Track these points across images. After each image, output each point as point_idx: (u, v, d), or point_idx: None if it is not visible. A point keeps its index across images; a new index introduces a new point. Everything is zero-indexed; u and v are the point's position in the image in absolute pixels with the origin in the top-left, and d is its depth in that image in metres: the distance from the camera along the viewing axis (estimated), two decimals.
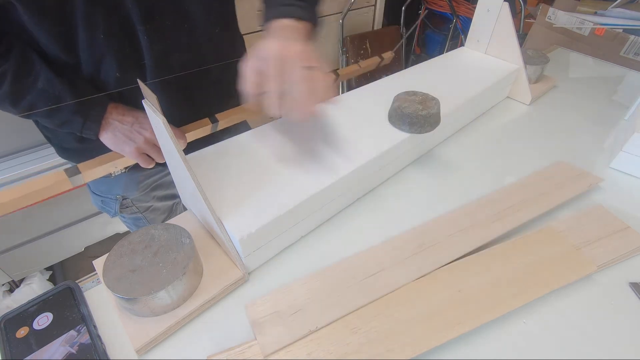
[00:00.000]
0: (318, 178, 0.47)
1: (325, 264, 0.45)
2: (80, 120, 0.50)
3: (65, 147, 0.62)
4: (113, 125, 0.52)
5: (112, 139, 0.52)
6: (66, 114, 0.49)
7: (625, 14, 1.11)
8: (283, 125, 0.57)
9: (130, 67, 0.52)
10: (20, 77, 0.45)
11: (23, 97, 0.46)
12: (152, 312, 0.39)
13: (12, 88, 0.45)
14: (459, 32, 1.96)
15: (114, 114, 0.52)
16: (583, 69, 0.98)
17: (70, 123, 0.50)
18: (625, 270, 0.46)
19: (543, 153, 0.65)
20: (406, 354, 0.36)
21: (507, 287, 0.42)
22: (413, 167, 0.62)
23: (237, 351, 0.37)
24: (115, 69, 0.51)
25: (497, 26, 0.77)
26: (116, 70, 0.51)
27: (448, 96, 0.64)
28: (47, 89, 0.46)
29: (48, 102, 0.47)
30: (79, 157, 0.61)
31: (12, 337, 0.36)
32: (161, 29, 0.51)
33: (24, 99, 0.46)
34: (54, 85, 0.47)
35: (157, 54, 0.53)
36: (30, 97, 0.46)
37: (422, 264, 0.44)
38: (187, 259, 0.39)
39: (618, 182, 0.60)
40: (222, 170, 0.49)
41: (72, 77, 0.50)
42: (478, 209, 0.51)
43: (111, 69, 0.51)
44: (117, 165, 0.53)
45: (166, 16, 0.51)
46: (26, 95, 0.46)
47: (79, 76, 0.51)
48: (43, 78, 0.46)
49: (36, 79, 0.46)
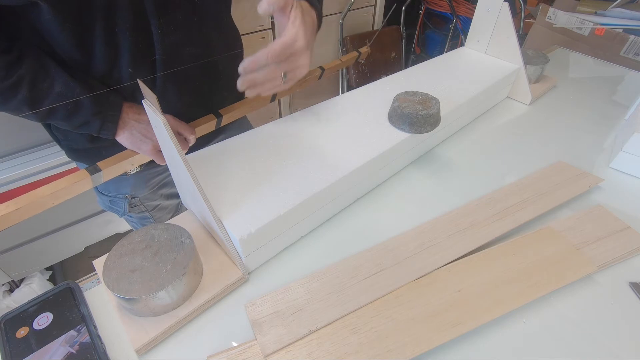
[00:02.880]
0: (318, 178, 0.47)
1: (325, 264, 0.45)
2: (99, 122, 0.50)
3: (76, 148, 0.62)
4: (130, 125, 0.52)
5: (130, 138, 0.53)
6: (85, 116, 0.49)
7: (625, 14, 1.11)
8: (283, 124, 0.58)
9: (143, 62, 0.53)
10: (37, 82, 0.45)
11: (41, 102, 0.46)
12: (152, 312, 0.39)
13: (30, 94, 0.45)
14: (459, 32, 1.96)
15: (130, 114, 0.52)
16: (583, 69, 0.98)
17: (88, 125, 0.50)
18: (625, 270, 0.46)
19: (543, 153, 0.65)
20: (406, 354, 0.36)
21: (507, 287, 0.42)
22: (413, 167, 0.62)
23: (237, 351, 0.37)
24: (129, 65, 0.52)
25: (497, 26, 0.77)
26: (129, 65, 0.52)
27: (448, 96, 0.64)
28: (65, 92, 0.47)
29: (67, 106, 0.47)
30: (90, 157, 0.62)
31: (12, 337, 0.36)
32: (173, 22, 0.52)
33: (42, 104, 0.46)
34: (71, 88, 0.47)
35: (169, 48, 0.53)
36: (49, 102, 0.46)
37: (422, 264, 0.44)
38: (187, 259, 0.39)
39: (618, 182, 0.60)
40: (222, 170, 0.49)
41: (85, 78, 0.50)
42: (478, 209, 0.51)
43: (124, 65, 0.52)
44: (134, 162, 0.54)
45: (178, 9, 0.52)
46: (44, 100, 0.46)
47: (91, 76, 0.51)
48: (59, 82, 0.47)
49: (52, 83, 0.46)
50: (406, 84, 0.69)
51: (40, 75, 0.45)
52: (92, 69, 0.51)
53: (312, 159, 0.50)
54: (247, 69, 0.44)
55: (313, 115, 0.60)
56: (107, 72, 0.52)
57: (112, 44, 0.49)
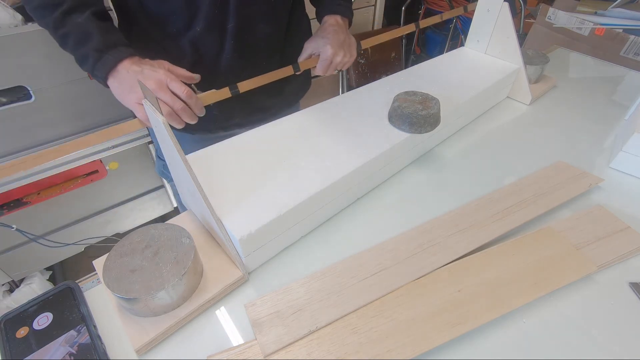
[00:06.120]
0: (318, 178, 0.47)
1: (325, 264, 0.45)
2: (94, 59, 0.51)
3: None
4: (121, 75, 0.52)
5: (118, 88, 0.52)
6: (87, 48, 0.51)
7: (625, 14, 1.11)
8: (283, 124, 0.58)
9: (215, 26, 0.58)
10: (71, 12, 0.51)
11: (64, 26, 0.51)
12: (152, 312, 0.39)
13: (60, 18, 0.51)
14: (459, 32, 1.96)
15: (125, 63, 0.52)
16: (583, 69, 0.98)
17: (86, 58, 0.51)
18: (625, 270, 0.46)
19: (543, 153, 0.65)
20: (406, 354, 0.36)
21: (507, 287, 0.42)
22: (413, 167, 0.62)
23: (237, 351, 0.37)
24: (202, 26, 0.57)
25: (497, 26, 0.77)
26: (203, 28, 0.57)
27: (448, 96, 0.64)
28: (84, 23, 0.51)
29: (78, 35, 0.51)
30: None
31: (12, 337, 0.36)
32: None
33: (64, 27, 0.51)
34: (91, 22, 0.52)
35: (243, 20, 0.59)
36: (67, 29, 0.51)
37: (422, 264, 0.44)
38: (187, 259, 0.39)
39: (618, 182, 0.60)
40: (222, 170, 0.49)
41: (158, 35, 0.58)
42: (478, 209, 0.51)
43: (198, 25, 0.57)
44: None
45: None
46: (66, 25, 0.51)
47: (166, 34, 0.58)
48: (86, 17, 0.52)
49: (80, 17, 0.52)
50: (406, 84, 0.69)
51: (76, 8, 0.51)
52: (169, 25, 0.57)
53: (312, 159, 0.50)
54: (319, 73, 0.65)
55: (313, 115, 0.60)
56: (181, 31, 0.58)
57: (191, 3, 0.55)
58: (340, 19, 0.68)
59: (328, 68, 0.64)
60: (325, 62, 0.63)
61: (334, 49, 0.62)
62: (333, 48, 0.62)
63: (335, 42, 0.63)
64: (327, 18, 0.68)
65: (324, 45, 0.63)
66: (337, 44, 0.63)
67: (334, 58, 0.63)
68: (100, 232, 1.32)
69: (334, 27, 0.65)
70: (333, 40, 0.63)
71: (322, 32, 0.65)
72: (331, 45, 0.62)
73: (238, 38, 0.60)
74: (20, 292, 1.21)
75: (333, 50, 0.62)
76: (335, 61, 0.63)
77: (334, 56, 0.62)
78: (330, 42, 0.62)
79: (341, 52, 0.63)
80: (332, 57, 0.62)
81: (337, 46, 0.63)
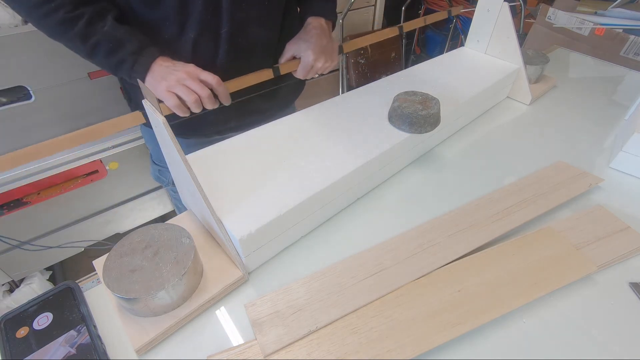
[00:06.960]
0: (318, 178, 0.47)
1: (325, 264, 0.45)
2: (131, 62, 0.54)
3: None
4: (153, 69, 0.55)
5: (151, 80, 0.55)
6: (123, 54, 0.54)
7: (625, 14, 1.11)
8: (283, 124, 0.58)
9: (208, 31, 0.58)
10: (94, 21, 0.52)
11: (91, 37, 0.52)
12: (152, 312, 0.39)
13: (85, 30, 0.52)
14: (459, 32, 1.96)
15: (158, 61, 0.55)
16: (583, 69, 0.98)
17: (123, 63, 0.54)
18: (625, 270, 0.46)
19: (543, 153, 0.65)
20: (406, 354, 0.36)
21: (507, 287, 0.42)
22: (413, 167, 0.62)
23: (237, 351, 0.37)
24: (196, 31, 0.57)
25: (497, 26, 0.77)
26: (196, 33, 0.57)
27: (448, 96, 0.64)
28: (111, 31, 0.53)
29: (109, 43, 0.53)
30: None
31: (12, 337, 0.36)
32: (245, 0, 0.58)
33: (91, 38, 0.52)
34: (117, 28, 0.53)
35: (237, 24, 0.59)
36: (96, 38, 0.53)
37: (422, 264, 0.44)
38: (187, 259, 0.39)
39: (618, 182, 0.60)
40: (222, 170, 0.49)
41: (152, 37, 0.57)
42: (478, 209, 0.51)
43: (191, 31, 0.57)
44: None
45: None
46: (94, 35, 0.52)
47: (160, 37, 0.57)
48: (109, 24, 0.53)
49: (105, 24, 0.53)
50: (406, 84, 0.69)
51: (97, 17, 0.53)
52: (162, 31, 0.57)
53: (312, 159, 0.50)
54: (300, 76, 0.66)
55: (313, 115, 0.60)
56: (175, 36, 0.58)
57: (183, 9, 0.55)
58: (324, 22, 0.68)
59: (308, 73, 0.64)
60: (306, 68, 0.63)
61: (316, 55, 0.62)
62: (315, 54, 0.62)
63: (317, 47, 0.63)
64: (311, 20, 0.67)
65: (306, 50, 0.63)
66: (319, 49, 0.63)
67: (315, 63, 0.63)
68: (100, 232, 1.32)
69: (317, 31, 0.65)
70: (315, 45, 0.63)
71: (305, 35, 0.65)
72: (313, 50, 0.62)
73: (232, 43, 0.60)
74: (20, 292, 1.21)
75: (315, 56, 0.62)
76: (316, 67, 0.64)
77: (315, 62, 0.63)
78: (312, 48, 0.63)
79: (322, 57, 0.63)
80: (313, 63, 0.63)
81: (319, 51, 0.63)
